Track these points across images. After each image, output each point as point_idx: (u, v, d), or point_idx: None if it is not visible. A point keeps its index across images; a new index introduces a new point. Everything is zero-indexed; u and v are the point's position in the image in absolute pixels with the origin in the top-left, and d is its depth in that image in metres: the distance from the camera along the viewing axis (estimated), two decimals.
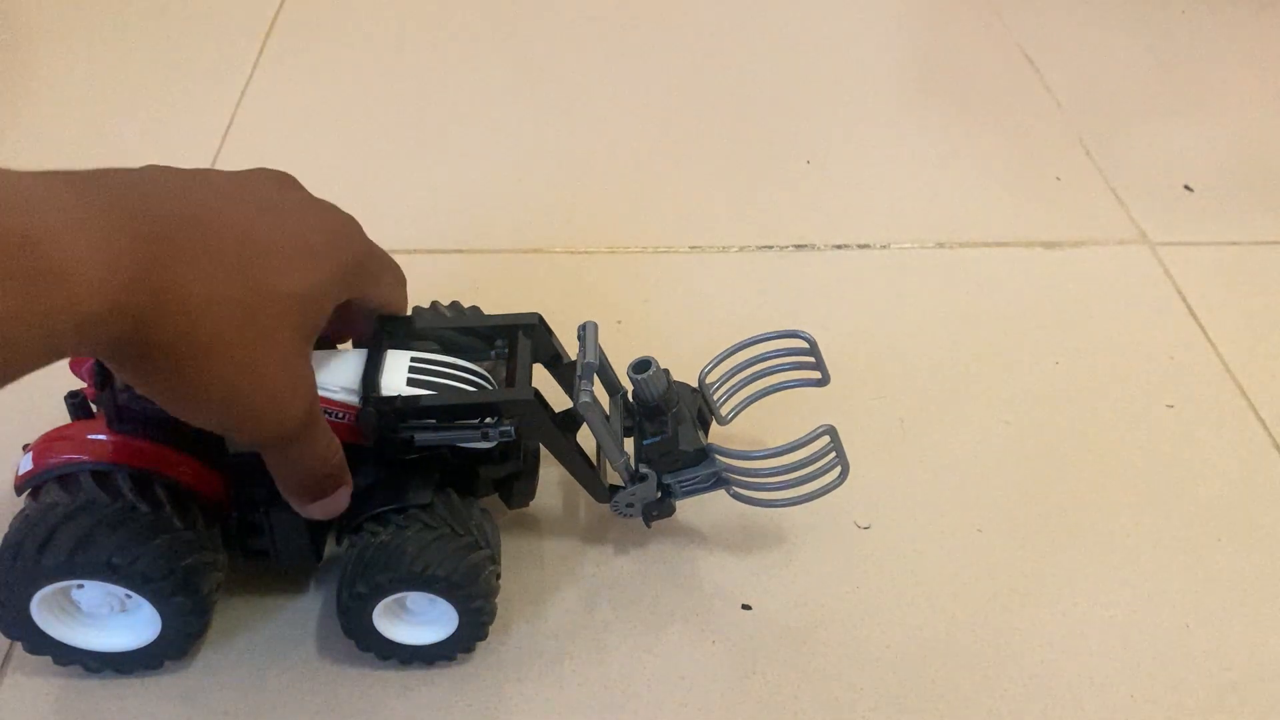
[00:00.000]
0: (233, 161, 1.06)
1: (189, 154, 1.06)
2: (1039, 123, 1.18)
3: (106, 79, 1.18)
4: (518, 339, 0.68)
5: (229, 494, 0.64)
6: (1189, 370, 0.89)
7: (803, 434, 0.67)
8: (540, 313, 0.69)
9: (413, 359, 0.65)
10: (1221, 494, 0.79)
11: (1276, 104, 1.22)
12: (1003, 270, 0.98)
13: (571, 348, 0.70)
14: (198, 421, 0.54)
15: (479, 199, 1.04)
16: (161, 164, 0.55)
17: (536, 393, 0.63)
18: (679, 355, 0.76)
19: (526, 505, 0.72)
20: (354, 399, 0.62)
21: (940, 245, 1.01)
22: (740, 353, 0.75)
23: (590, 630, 0.69)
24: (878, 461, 0.80)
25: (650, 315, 0.92)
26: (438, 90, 1.18)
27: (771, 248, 1.00)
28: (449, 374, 0.65)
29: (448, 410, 0.63)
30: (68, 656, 0.64)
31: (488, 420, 0.63)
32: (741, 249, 1.00)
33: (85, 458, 0.60)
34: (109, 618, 0.63)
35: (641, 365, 0.69)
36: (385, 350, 0.65)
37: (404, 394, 0.62)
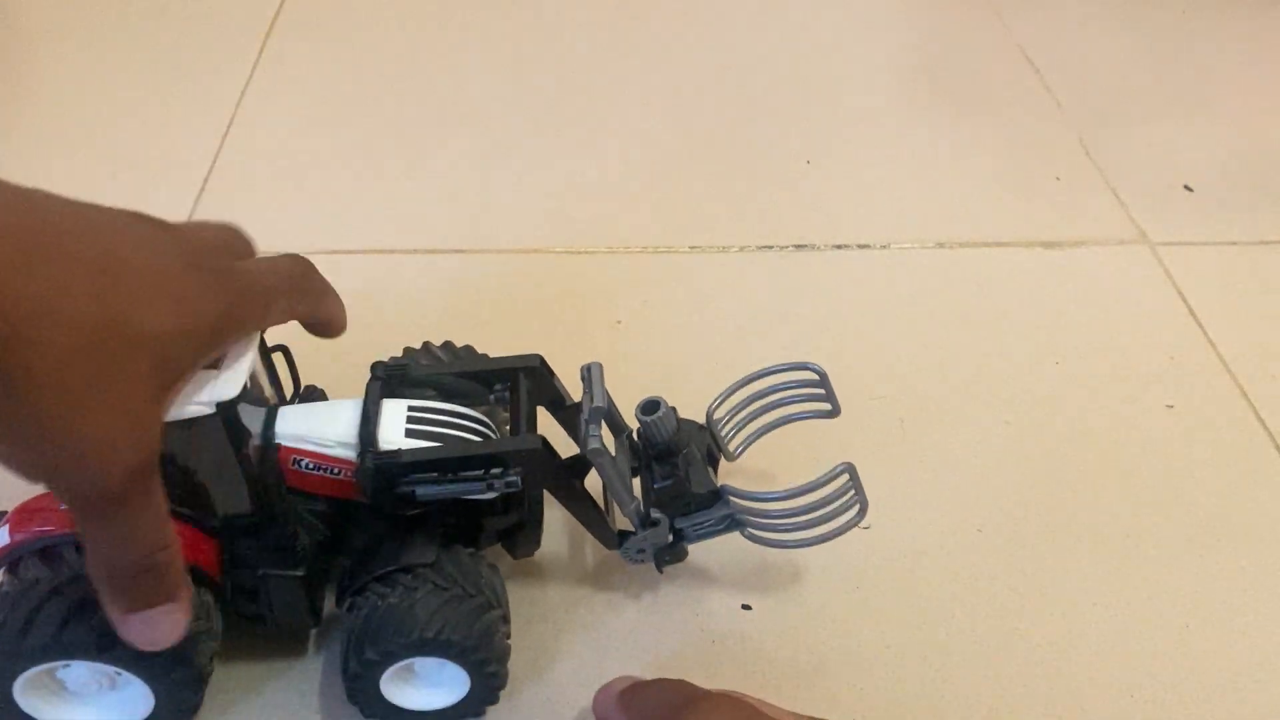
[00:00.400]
0: (232, 161, 1.06)
1: (189, 154, 1.06)
2: (1039, 123, 1.18)
3: (106, 79, 1.18)
4: (519, 381, 0.66)
5: (220, 558, 0.60)
6: (1189, 370, 0.89)
7: (819, 473, 0.65)
8: (541, 354, 0.67)
9: (410, 408, 0.62)
10: (1221, 494, 0.79)
11: (1276, 104, 1.22)
12: (1003, 270, 0.98)
13: (569, 383, 0.68)
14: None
15: (479, 199, 1.04)
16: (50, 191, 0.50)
17: (544, 440, 0.61)
18: (679, 355, 0.76)
19: (531, 555, 0.69)
20: (351, 454, 0.60)
21: (940, 245, 1.01)
22: (748, 386, 0.72)
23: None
24: (878, 461, 0.80)
25: (650, 315, 0.92)
26: (437, 90, 1.18)
27: (771, 248, 1.00)
28: (449, 422, 0.62)
29: (451, 463, 0.60)
30: None
31: (493, 471, 0.60)
32: (741, 249, 1.00)
33: (67, 529, 0.56)
34: (98, 695, 0.59)
35: (650, 406, 0.65)
36: (380, 400, 0.62)
37: (404, 446, 0.59)
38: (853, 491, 0.65)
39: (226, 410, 0.55)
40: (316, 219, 0.99)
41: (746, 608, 0.71)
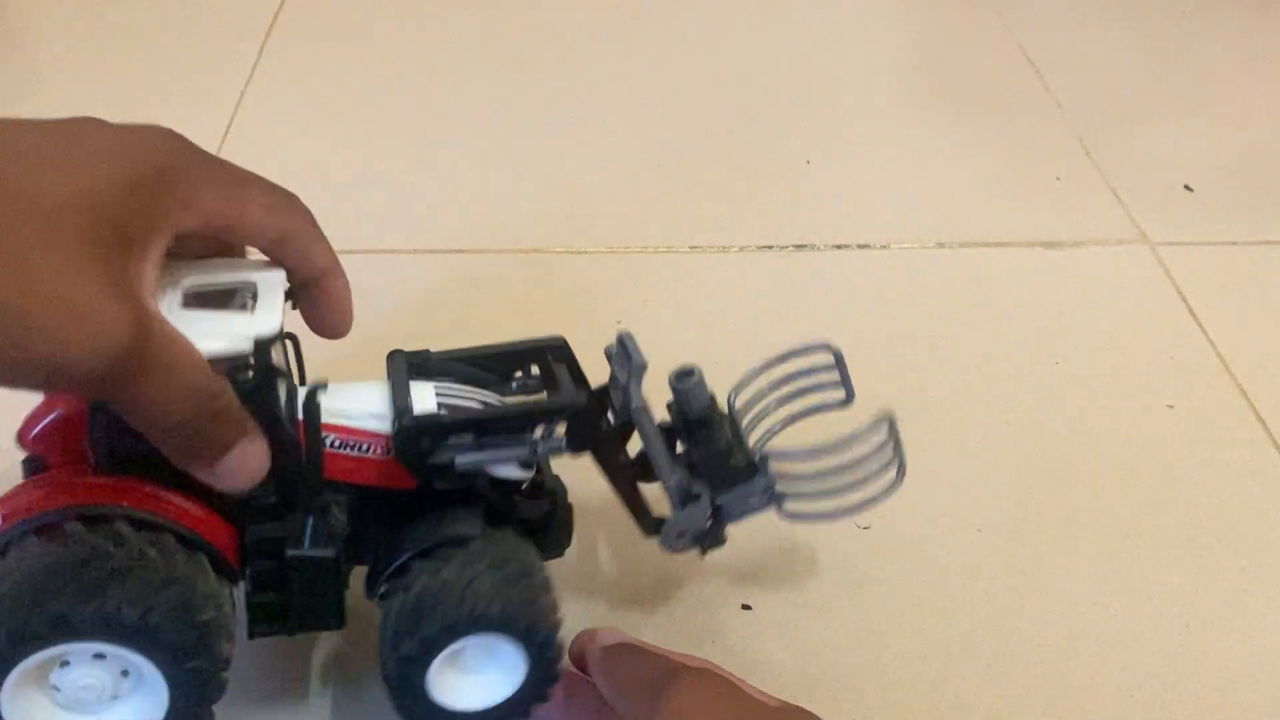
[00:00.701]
0: (233, 156, 1.06)
1: None
2: (1039, 122, 1.18)
3: (106, 79, 1.18)
4: (547, 359, 0.63)
5: (240, 547, 0.55)
6: (1189, 370, 0.89)
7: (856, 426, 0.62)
8: (563, 336, 0.65)
9: (437, 389, 0.59)
10: (1222, 494, 0.79)
11: (1277, 103, 1.22)
12: (1003, 270, 0.98)
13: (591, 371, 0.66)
14: None
15: (479, 199, 1.04)
16: None
17: (590, 395, 0.58)
18: (679, 355, 0.76)
19: (560, 555, 0.65)
20: (384, 426, 0.56)
21: (940, 245, 1.01)
22: (765, 374, 0.69)
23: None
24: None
25: (650, 315, 0.92)
26: (437, 90, 1.18)
27: (771, 248, 1.00)
28: (478, 400, 0.60)
29: (496, 422, 0.56)
30: None
31: (538, 432, 0.57)
32: (742, 249, 1.00)
33: (73, 501, 0.51)
34: (96, 707, 0.52)
35: (685, 374, 0.62)
36: (407, 379, 0.59)
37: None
38: (892, 446, 0.63)
39: (264, 349, 0.50)
40: (315, 218, 0.99)
41: (746, 608, 0.71)
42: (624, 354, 0.61)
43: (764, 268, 0.98)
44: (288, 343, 0.60)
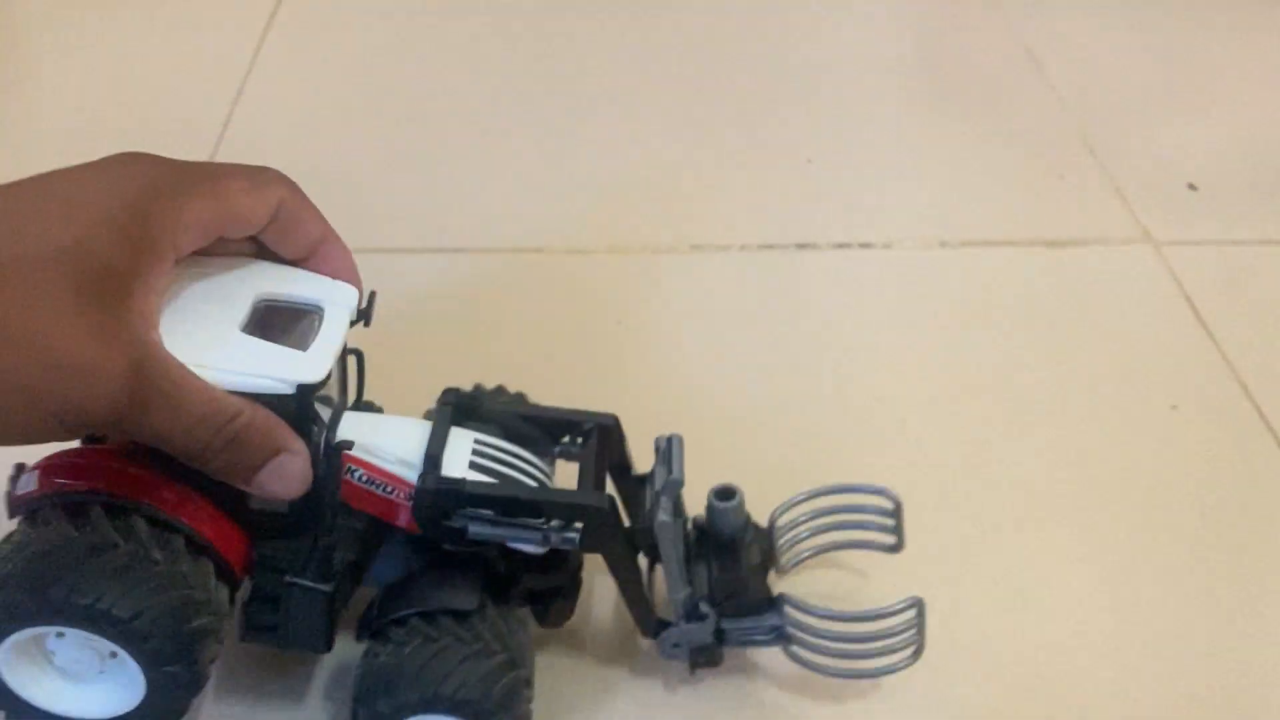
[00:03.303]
0: (230, 159, 1.06)
1: (188, 153, 1.06)
2: (1042, 121, 1.17)
3: (105, 77, 1.18)
4: (592, 437, 0.63)
5: (247, 557, 0.57)
6: (1193, 371, 0.89)
7: (865, 595, 0.62)
8: (616, 415, 0.64)
9: (476, 440, 0.59)
10: (1225, 495, 0.79)
11: None
12: (1005, 269, 0.98)
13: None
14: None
15: (479, 199, 1.04)
16: None
17: (613, 501, 0.58)
18: (679, 356, 0.76)
19: (560, 626, 0.64)
20: (410, 474, 0.57)
21: (943, 244, 1.01)
22: (815, 500, 0.68)
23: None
24: (878, 461, 0.79)
25: (650, 315, 0.92)
26: (437, 89, 1.18)
27: (773, 247, 1.00)
28: (512, 463, 0.59)
29: (514, 504, 0.56)
30: (27, 716, 0.55)
31: (553, 523, 0.57)
32: (742, 249, 0.99)
33: (100, 487, 0.53)
34: (84, 678, 0.55)
35: (726, 493, 0.62)
36: (449, 426, 0.59)
37: (466, 477, 0.56)
38: (914, 630, 0.62)
39: (305, 395, 0.52)
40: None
41: None
42: (666, 460, 0.61)
43: (765, 267, 0.97)
44: (350, 359, 0.62)
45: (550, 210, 1.03)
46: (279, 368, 0.52)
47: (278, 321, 0.55)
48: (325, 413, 0.57)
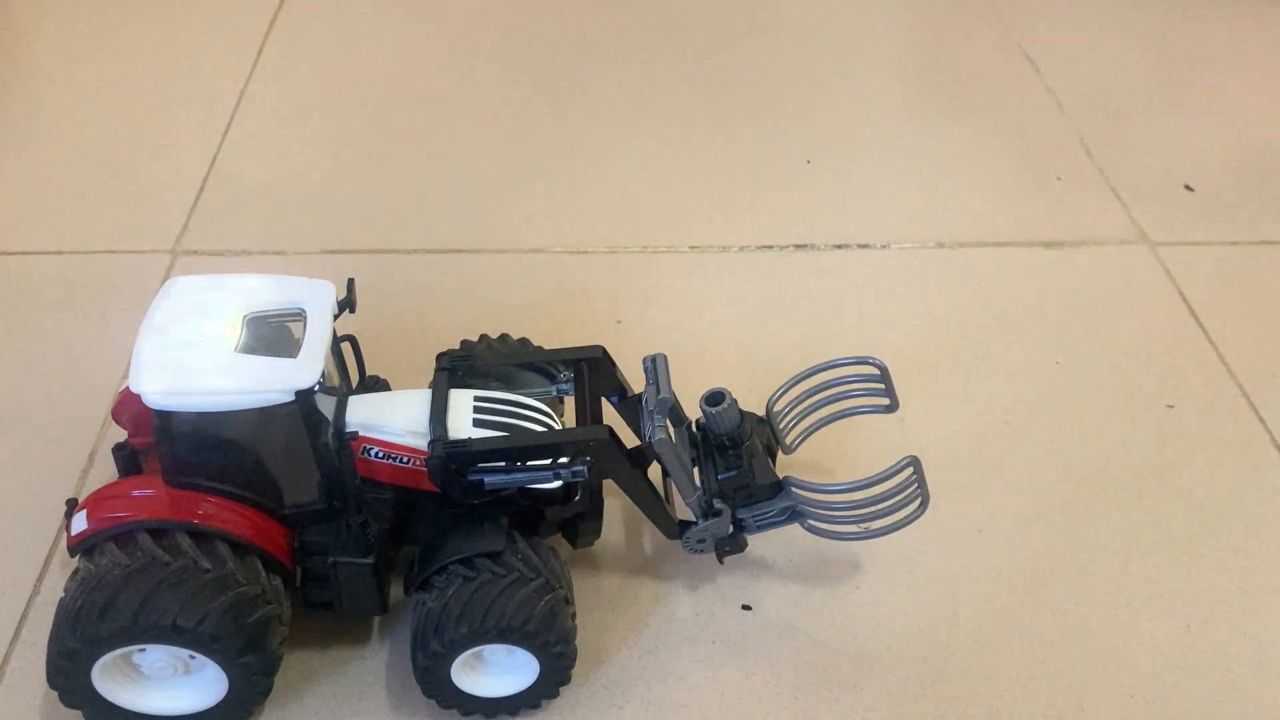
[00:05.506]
0: (230, 160, 1.06)
1: (188, 152, 1.06)
2: (1040, 123, 1.18)
3: (106, 79, 1.18)
4: (583, 372, 0.67)
5: (292, 545, 0.62)
6: (1189, 370, 0.89)
7: (869, 463, 0.65)
8: (603, 345, 0.68)
9: (476, 398, 0.63)
10: (1222, 494, 0.79)
11: (1277, 104, 1.22)
12: (1003, 270, 0.98)
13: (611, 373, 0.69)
14: None
15: (479, 199, 1.04)
16: None
17: (610, 430, 0.62)
18: (679, 354, 0.76)
19: (591, 544, 0.69)
20: (421, 443, 0.61)
21: (940, 245, 1.01)
22: (807, 380, 0.72)
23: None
24: (879, 462, 0.79)
25: (650, 315, 0.92)
26: (437, 91, 1.18)
27: (772, 248, 1.00)
28: (513, 412, 0.63)
29: (520, 452, 0.61)
30: None
31: (560, 460, 0.62)
32: (742, 249, 1.00)
33: (142, 516, 0.58)
34: (173, 680, 0.60)
35: (715, 398, 0.66)
36: (447, 390, 0.63)
37: (472, 436, 0.60)
38: (916, 485, 0.66)
39: (305, 399, 0.57)
40: (316, 219, 0.99)
41: (746, 608, 0.71)
42: (652, 380, 0.65)
43: (764, 267, 0.98)
44: (345, 345, 0.67)
45: (550, 210, 1.03)
46: (276, 379, 0.57)
47: (267, 331, 0.60)
48: (331, 402, 0.61)
